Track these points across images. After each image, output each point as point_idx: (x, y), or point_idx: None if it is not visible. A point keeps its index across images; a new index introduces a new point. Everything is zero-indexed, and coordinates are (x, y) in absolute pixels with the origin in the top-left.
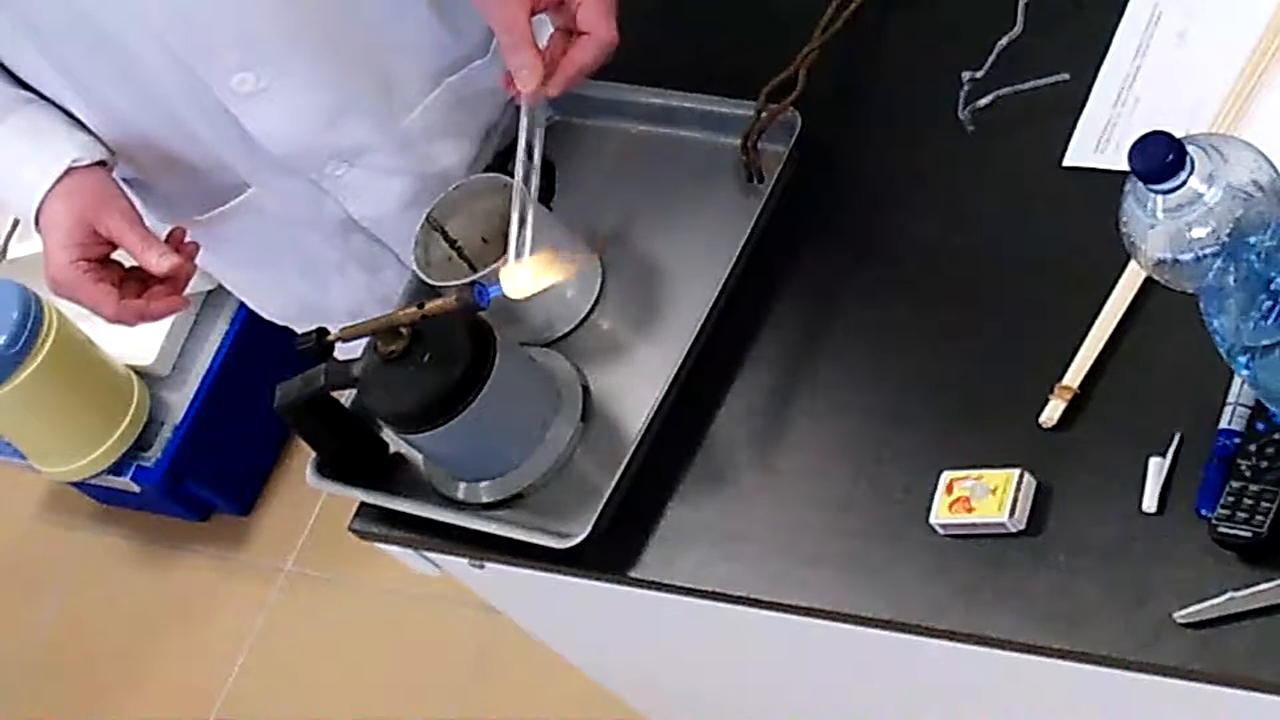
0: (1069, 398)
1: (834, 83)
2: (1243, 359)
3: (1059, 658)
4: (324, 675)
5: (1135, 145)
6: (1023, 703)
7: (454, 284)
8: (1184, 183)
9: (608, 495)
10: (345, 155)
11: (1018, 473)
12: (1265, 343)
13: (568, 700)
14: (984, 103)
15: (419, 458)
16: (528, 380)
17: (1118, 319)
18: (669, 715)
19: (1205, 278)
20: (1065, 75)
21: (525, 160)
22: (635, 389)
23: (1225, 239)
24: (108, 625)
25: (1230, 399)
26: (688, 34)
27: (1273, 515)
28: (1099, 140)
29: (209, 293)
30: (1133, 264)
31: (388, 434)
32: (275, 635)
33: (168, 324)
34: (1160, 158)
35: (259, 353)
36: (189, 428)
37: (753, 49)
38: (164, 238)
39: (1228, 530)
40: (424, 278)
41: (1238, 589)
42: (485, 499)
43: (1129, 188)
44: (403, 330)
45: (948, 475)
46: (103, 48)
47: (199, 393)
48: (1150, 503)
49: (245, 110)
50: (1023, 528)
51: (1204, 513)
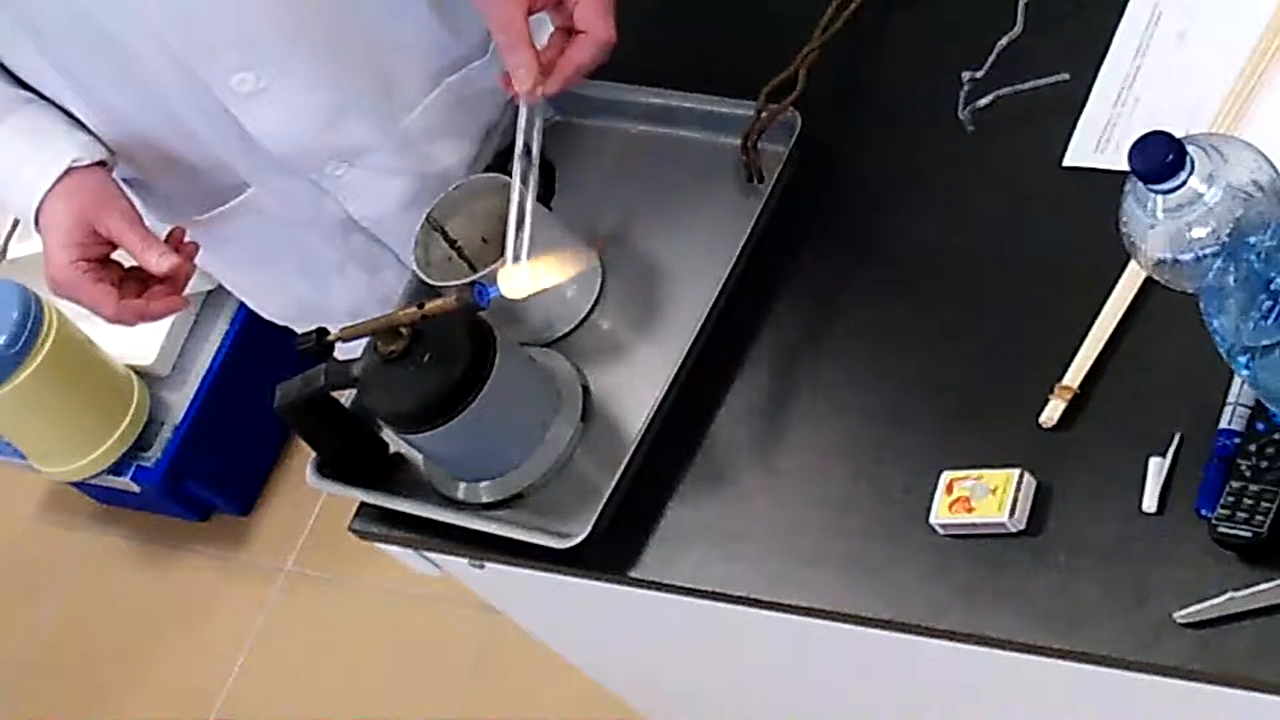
0: (1069, 398)
1: (834, 83)
2: (1243, 359)
3: (1059, 658)
4: (324, 675)
5: (1135, 145)
6: (1023, 703)
7: (454, 284)
8: (1184, 183)
9: (608, 495)
10: (345, 155)
11: (1018, 473)
12: (1265, 343)
13: (568, 700)
14: (984, 103)
15: (419, 458)
16: (528, 380)
17: (1118, 319)
18: (669, 715)
19: (1205, 278)
20: (1065, 75)
21: (524, 160)
22: (635, 389)
23: (1225, 239)
24: (108, 625)
25: (1230, 399)
26: (688, 34)
27: (1273, 515)
28: (1099, 140)
29: (209, 293)
30: (1133, 264)
31: (388, 434)
32: (275, 635)
33: (168, 324)
34: (1160, 158)
35: (259, 353)
36: (189, 428)
37: (753, 49)
38: (164, 238)
39: (1228, 530)
40: (424, 278)
41: (1238, 589)
42: (485, 499)
43: (1129, 188)
44: (403, 330)
45: (948, 475)
46: (103, 48)
47: (199, 393)
48: (1150, 503)
49: (245, 110)
50: (1023, 528)
51: (1204, 513)
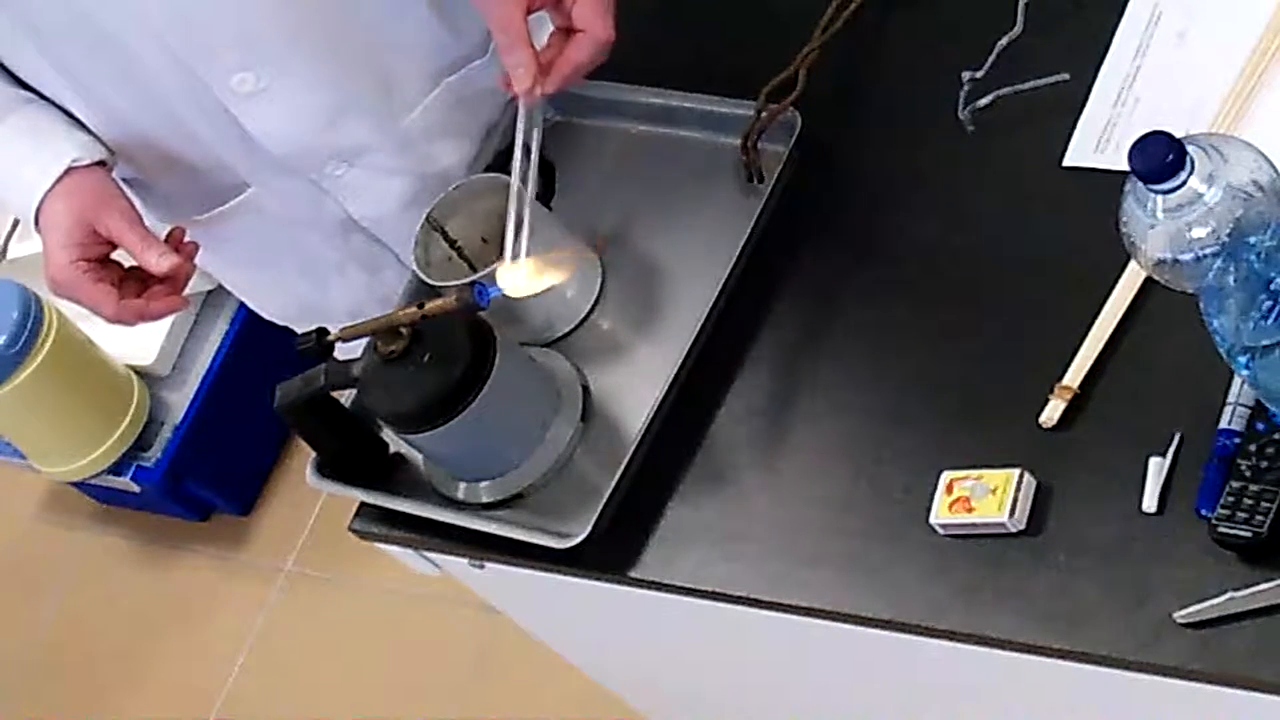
0: (1069, 398)
1: (834, 83)
2: (1243, 359)
3: (1059, 658)
4: (324, 675)
5: (1135, 145)
6: (1023, 703)
7: (454, 284)
8: (1184, 183)
9: (608, 495)
10: (345, 155)
11: (1018, 473)
12: (1265, 343)
13: (568, 700)
14: (984, 103)
15: (419, 458)
16: (528, 380)
17: (1118, 319)
18: (669, 715)
19: (1205, 278)
20: (1065, 75)
21: (523, 160)
22: (635, 389)
23: (1225, 239)
24: (108, 625)
25: (1230, 399)
26: (688, 34)
27: (1273, 515)
28: (1099, 140)
29: (209, 293)
30: (1133, 264)
31: (388, 434)
32: (275, 635)
33: (168, 324)
34: (1160, 158)
35: (259, 353)
36: (189, 428)
37: (753, 49)
38: (164, 238)
39: (1228, 530)
40: (424, 278)
41: (1238, 589)
42: (485, 499)
43: (1129, 188)
44: (403, 330)
45: (948, 475)
46: (103, 48)
47: (199, 393)
48: (1150, 503)
49: (245, 110)
50: (1023, 528)
51: (1204, 513)
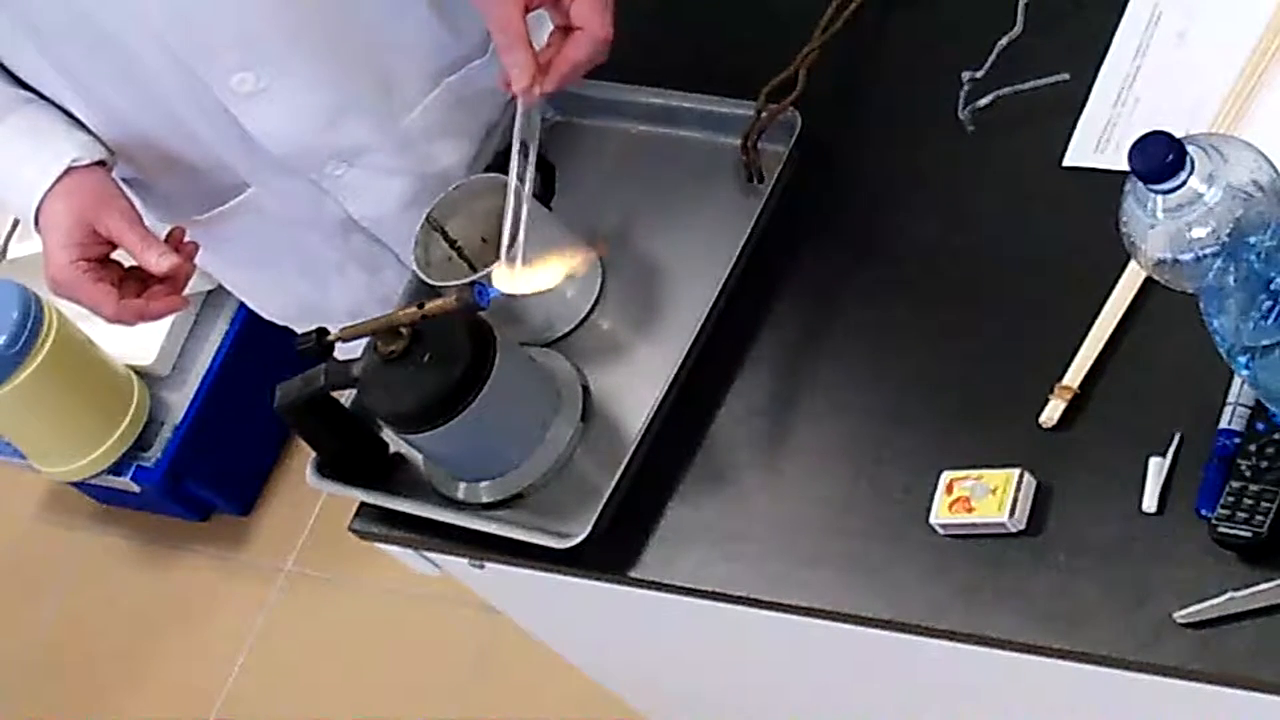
0: (1069, 398)
1: (834, 83)
2: (1243, 359)
3: (1059, 658)
4: (324, 675)
5: (1135, 145)
6: (1023, 703)
7: (454, 284)
8: (1184, 183)
9: (608, 495)
10: (345, 155)
11: (1018, 473)
12: (1265, 343)
13: (568, 700)
14: (984, 103)
15: (419, 458)
16: (528, 380)
17: (1118, 319)
18: (669, 715)
19: (1205, 278)
20: (1065, 75)
21: (521, 159)
22: (635, 389)
23: (1225, 239)
24: (108, 625)
25: (1230, 399)
26: (688, 34)
27: (1273, 515)
28: (1099, 140)
29: (209, 293)
30: (1133, 264)
31: (388, 434)
32: (275, 635)
33: (168, 324)
34: (1160, 158)
35: (259, 353)
36: (189, 428)
37: (753, 49)
38: (164, 238)
39: (1228, 530)
40: (424, 278)
41: (1238, 589)
42: (485, 499)
43: (1129, 188)
44: (403, 330)
45: (948, 475)
46: (103, 48)
47: (199, 393)
48: (1150, 503)
49: (245, 110)
50: (1023, 528)
51: (1204, 513)
